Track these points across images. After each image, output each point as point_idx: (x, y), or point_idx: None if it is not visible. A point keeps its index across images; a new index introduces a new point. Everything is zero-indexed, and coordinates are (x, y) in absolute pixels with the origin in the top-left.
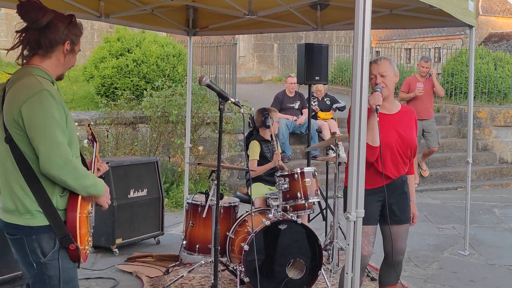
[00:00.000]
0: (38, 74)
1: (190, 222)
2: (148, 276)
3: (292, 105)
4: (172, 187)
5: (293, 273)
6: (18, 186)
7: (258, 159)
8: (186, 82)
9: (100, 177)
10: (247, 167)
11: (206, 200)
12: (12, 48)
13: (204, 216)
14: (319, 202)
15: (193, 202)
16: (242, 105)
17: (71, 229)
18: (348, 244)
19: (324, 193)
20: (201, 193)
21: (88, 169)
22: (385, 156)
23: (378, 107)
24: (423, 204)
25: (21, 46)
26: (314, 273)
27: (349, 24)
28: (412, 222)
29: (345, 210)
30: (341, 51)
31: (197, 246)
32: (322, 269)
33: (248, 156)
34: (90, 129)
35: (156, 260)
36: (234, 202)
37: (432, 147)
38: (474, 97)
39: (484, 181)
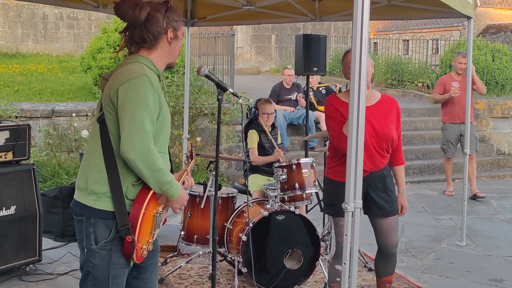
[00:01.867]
0: (144, 63)
1: (188, 212)
2: None
3: (289, 96)
4: None
5: (290, 264)
6: (95, 165)
7: (258, 148)
8: (183, 73)
9: None
10: (245, 157)
11: (204, 191)
12: (121, 49)
13: (202, 206)
14: (316, 193)
15: (191, 192)
16: (240, 96)
17: (132, 220)
18: (346, 235)
19: (322, 184)
20: (199, 184)
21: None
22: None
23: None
24: (420, 195)
25: (127, 45)
26: (312, 263)
27: (347, 15)
28: (401, 212)
29: (324, 201)
30: (339, 42)
31: (195, 237)
32: (319, 259)
33: (246, 145)
34: (192, 146)
35: None
36: (232, 193)
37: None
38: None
39: (481, 172)
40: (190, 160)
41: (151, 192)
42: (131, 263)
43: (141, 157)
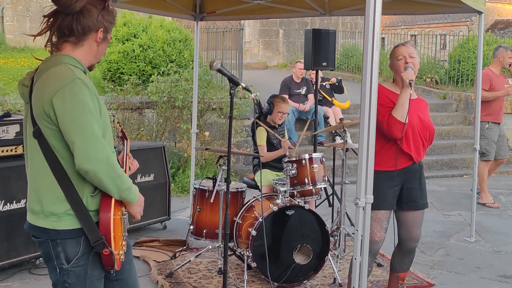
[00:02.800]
0: (70, 63)
1: (197, 207)
2: (155, 261)
3: (298, 91)
4: (178, 173)
5: (300, 259)
6: (45, 185)
7: (266, 144)
8: (192, 68)
9: None
10: (258, 152)
11: (214, 185)
12: (39, 34)
13: (211, 201)
14: (325, 188)
15: (200, 187)
16: (252, 92)
17: (104, 232)
18: (357, 230)
19: (331, 180)
20: (209, 178)
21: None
22: (408, 137)
23: (411, 81)
24: (429, 191)
25: (49, 32)
26: (321, 258)
27: (356, 10)
28: None
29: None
30: (347, 37)
31: (204, 231)
32: (329, 254)
33: (255, 140)
34: (120, 125)
35: (163, 244)
36: (242, 188)
37: (502, 158)
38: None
39: None
40: (125, 140)
41: (113, 197)
42: (113, 272)
43: (100, 166)
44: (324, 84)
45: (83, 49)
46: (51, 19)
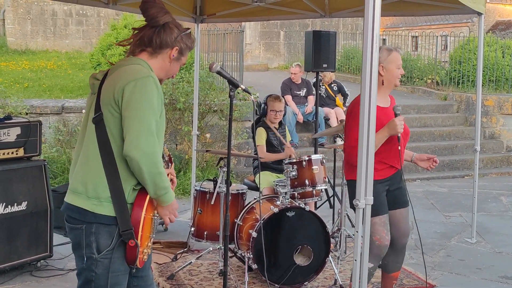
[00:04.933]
0: (144, 66)
1: (198, 209)
2: (156, 263)
3: (298, 92)
4: (179, 175)
5: (300, 260)
6: (95, 170)
7: (266, 145)
8: (192, 70)
9: None
10: (257, 154)
11: (215, 187)
12: (128, 43)
13: (212, 203)
14: (326, 190)
15: (201, 189)
16: (252, 93)
17: (134, 224)
18: (357, 231)
19: (332, 181)
20: (209, 180)
21: None
22: (391, 147)
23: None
24: (430, 192)
25: (133, 42)
26: (322, 260)
27: (357, 11)
28: (436, 161)
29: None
30: (348, 39)
31: (205, 233)
32: (329, 256)
33: (255, 142)
34: (168, 151)
35: (164, 246)
36: (242, 190)
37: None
38: (482, 85)
39: (491, 169)
40: (170, 164)
41: (148, 195)
42: (134, 268)
43: (145, 158)
44: (332, 85)
45: (156, 61)
46: (138, 31)
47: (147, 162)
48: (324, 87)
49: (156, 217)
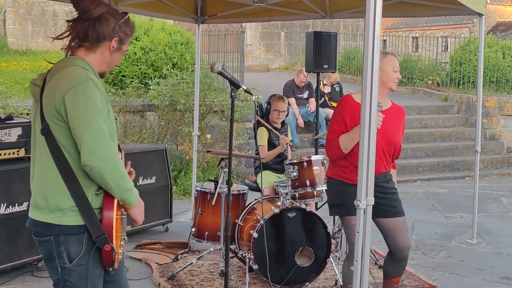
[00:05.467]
0: (82, 65)
1: (199, 209)
2: (157, 263)
3: (301, 95)
4: (180, 175)
5: (301, 261)
6: (51, 181)
7: (267, 144)
8: (192, 71)
9: None
10: (258, 154)
11: (216, 188)
12: (59, 38)
13: (213, 203)
14: (326, 191)
15: (202, 189)
16: (253, 94)
17: (106, 228)
18: (357, 232)
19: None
20: (210, 180)
21: None
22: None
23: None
24: (431, 192)
25: (70, 36)
26: (323, 260)
27: (357, 12)
28: None
29: (329, 202)
30: (348, 40)
31: (206, 234)
32: (330, 257)
33: (257, 142)
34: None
35: (165, 247)
36: (243, 190)
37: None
38: (482, 86)
39: (491, 170)
40: (119, 152)
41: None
42: (112, 270)
43: (105, 164)
44: (335, 86)
45: (95, 56)
46: (72, 24)
47: (108, 168)
48: (327, 87)
49: (124, 216)
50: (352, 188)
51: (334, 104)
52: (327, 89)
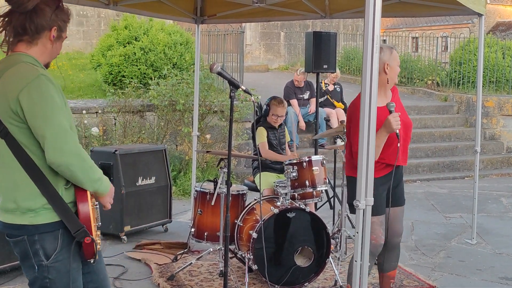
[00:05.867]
0: (28, 61)
1: (199, 209)
2: (156, 263)
3: (302, 95)
4: (179, 175)
5: (301, 261)
6: (19, 182)
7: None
8: (193, 71)
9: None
10: (254, 154)
11: (215, 188)
12: None
13: (212, 204)
14: (326, 191)
15: (201, 190)
16: (253, 94)
17: (84, 221)
18: (357, 232)
19: (332, 182)
20: (210, 181)
21: None
22: (393, 147)
23: (398, 132)
24: (430, 193)
25: (4, 31)
26: (322, 261)
27: (357, 12)
28: None
29: (349, 198)
30: (348, 40)
31: (205, 234)
32: (330, 257)
33: (255, 143)
34: None
35: (164, 247)
36: (243, 190)
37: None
38: (482, 86)
39: (491, 170)
40: None
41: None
42: (94, 261)
43: (72, 159)
44: (336, 87)
45: (37, 48)
46: (6, 19)
47: (76, 162)
48: (327, 85)
49: (96, 206)
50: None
51: (336, 103)
52: (331, 88)
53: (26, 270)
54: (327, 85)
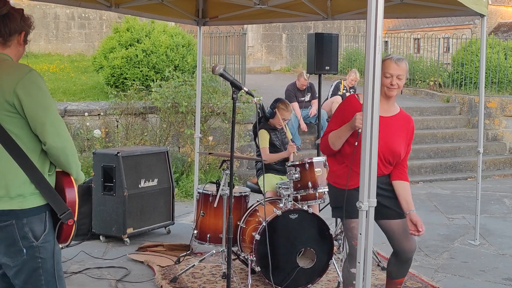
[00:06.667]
0: (9, 59)
1: (201, 211)
2: (159, 265)
3: (303, 98)
4: (182, 177)
5: (304, 263)
6: (8, 170)
7: (269, 146)
8: (195, 73)
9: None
10: (260, 156)
11: (217, 190)
12: None
13: (215, 205)
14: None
15: (204, 191)
16: (255, 96)
17: (71, 205)
18: (360, 233)
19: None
20: (212, 182)
21: None
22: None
23: (360, 130)
24: (433, 194)
25: None
26: (325, 262)
27: (359, 13)
28: (419, 232)
29: (331, 204)
30: (350, 41)
31: (208, 236)
32: (333, 258)
33: (257, 144)
34: None
35: (167, 249)
36: (245, 192)
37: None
38: (484, 87)
39: (494, 171)
40: None
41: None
42: (66, 245)
43: (69, 144)
44: (351, 91)
45: (11, 49)
46: None
47: (70, 146)
48: (345, 89)
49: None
50: (350, 192)
51: None
52: (351, 85)
53: (13, 255)
54: (345, 88)
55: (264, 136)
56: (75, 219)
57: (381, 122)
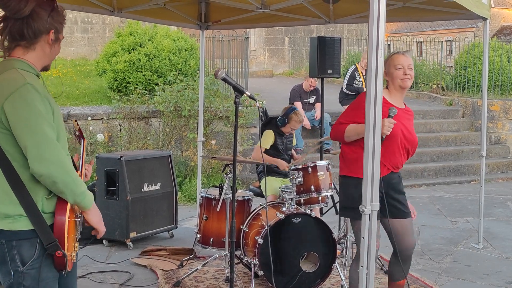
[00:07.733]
0: (21, 67)
1: (204, 215)
2: (162, 269)
3: (307, 100)
4: (184, 181)
5: (307, 266)
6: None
7: (269, 148)
8: (198, 77)
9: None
10: (263, 159)
11: (220, 194)
12: None
13: (218, 209)
14: (332, 196)
15: (207, 195)
16: (258, 100)
17: (58, 234)
18: (363, 237)
19: (337, 187)
20: (215, 186)
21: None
22: (387, 147)
23: (384, 136)
24: (436, 197)
25: (1, 36)
26: (328, 266)
27: (361, 17)
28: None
29: (342, 203)
30: (352, 45)
31: (211, 240)
32: (336, 262)
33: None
34: (78, 124)
35: (170, 253)
36: (248, 196)
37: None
38: (487, 90)
39: (497, 174)
40: (82, 139)
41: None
42: (65, 273)
43: (54, 169)
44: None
45: (35, 53)
46: (2, 24)
47: (58, 173)
48: (359, 75)
49: (79, 218)
50: (357, 183)
51: None
52: (357, 80)
53: (3, 275)
54: (362, 74)
55: (268, 137)
56: (65, 249)
57: (400, 114)
